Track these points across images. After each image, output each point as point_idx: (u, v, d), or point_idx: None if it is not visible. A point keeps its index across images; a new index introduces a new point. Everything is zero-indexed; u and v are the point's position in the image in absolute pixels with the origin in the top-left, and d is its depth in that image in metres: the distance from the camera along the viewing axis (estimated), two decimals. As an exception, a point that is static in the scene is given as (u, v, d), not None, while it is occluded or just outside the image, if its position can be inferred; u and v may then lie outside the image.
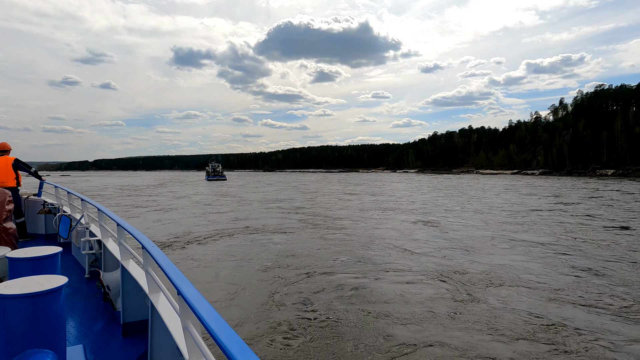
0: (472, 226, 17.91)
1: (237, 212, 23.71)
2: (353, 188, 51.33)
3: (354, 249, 12.97)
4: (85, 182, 76.01)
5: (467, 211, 23.73)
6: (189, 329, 1.76)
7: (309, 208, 26.15)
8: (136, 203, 30.49)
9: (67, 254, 5.86)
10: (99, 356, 3.02)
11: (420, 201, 30.88)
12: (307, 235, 15.72)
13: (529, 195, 35.40)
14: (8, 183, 7.04)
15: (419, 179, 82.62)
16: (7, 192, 4.72)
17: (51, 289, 1.91)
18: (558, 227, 17.13)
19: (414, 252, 12.60)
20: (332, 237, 15.18)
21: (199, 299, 1.55)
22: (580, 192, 39.26)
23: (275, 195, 38.07)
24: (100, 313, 3.90)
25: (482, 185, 55.75)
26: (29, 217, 7.38)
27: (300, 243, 13.98)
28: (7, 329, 1.85)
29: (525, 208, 25.21)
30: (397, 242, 14.10)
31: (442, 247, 13.18)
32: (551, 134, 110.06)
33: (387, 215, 21.83)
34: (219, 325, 1.30)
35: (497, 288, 8.81)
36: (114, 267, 4.11)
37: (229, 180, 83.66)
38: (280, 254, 12.29)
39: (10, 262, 2.57)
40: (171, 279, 1.81)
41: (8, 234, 4.46)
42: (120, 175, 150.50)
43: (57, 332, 1.98)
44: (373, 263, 11.14)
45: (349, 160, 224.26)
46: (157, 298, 2.60)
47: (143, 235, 2.67)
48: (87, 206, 5.23)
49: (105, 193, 43.09)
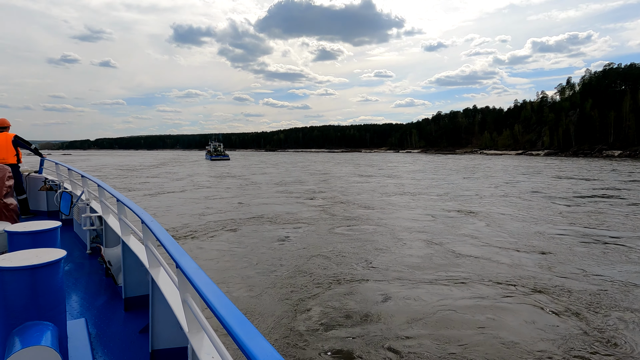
0: (522, 217, 15.29)
1: (246, 197, 22.08)
2: (365, 169, 50.42)
3: (391, 248, 10.80)
4: (83, 161, 75.52)
5: (500, 197, 21.65)
6: (188, 302, 1.78)
7: (323, 192, 24.48)
8: (133, 186, 29.20)
9: (69, 231, 5.89)
10: (101, 330, 3.05)
11: (444, 184, 29.21)
12: (327, 227, 13.85)
13: (559, 179, 32.67)
14: (8, 160, 6.90)
15: (428, 160, 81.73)
16: (7, 167, 4.65)
17: (50, 261, 1.89)
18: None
19: (471, 254, 10.12)
20: (357, 230, 13.21)
21: (197, 272, 1.55)
22: (611, 175, 36.96)
23: (283, 177, 36.63)
24: (102, 288, 3.92)
25: (497, 166, 54.95)
26: (30, 194, 7.36)
27: (321, 238, 12.23)
28: (7, 302, 1.84)
29: (568, 193, 22.78)
30: (443, 239, 11.75)
31: (505, 248, 10.82)
32: (557, 114, 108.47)
33: (416, 202, 19.97)
34: (217, 298, 1.31)
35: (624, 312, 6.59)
36: (115, 242, 4.09)
37: (232, 160, 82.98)
38: (299, 254, 10.38)
39: (9, 235, 2.57)
40: (170, 252, 1.83)
41: (9, 210, 4.38)
42: (121, 155, 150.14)
43: (57, 305, 1.98)
44: (421, 269, 8.92)
45: (352, 140, 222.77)
46: (157, 272, 2.62)
47: (142, 210, 2.69)
48: (87, 182, 5.27)
49: (99, 174, 42.62)
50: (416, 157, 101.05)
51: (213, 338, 1.44)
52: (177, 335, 2.47)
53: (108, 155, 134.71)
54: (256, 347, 0.99)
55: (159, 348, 2.55)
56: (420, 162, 69.78)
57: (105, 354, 2.73)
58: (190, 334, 1.86)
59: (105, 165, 59.68)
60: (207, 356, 1.70)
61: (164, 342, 2.55)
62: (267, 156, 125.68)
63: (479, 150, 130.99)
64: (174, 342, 2.53)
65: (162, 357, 2.55)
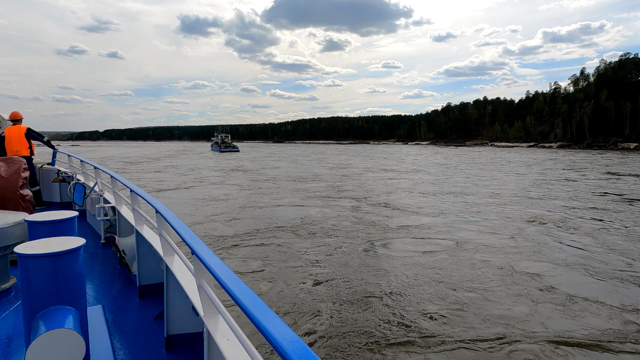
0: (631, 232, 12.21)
1: (261, 197, 19.39)
2: (383, 162, 48.98)
3: (476, 285, 7.97)
4: (89, 153, 75.17)
5: (568, 200, 18.35)
6: (204, 287, 1.83)
7: (348, 190, 21.99)
8: (141, 182, 27.69)
9: (82, 221, 5.97)
10: (117, 316, 3.13)
11: (484, 181, 26.49)
12: (366, 241, 11.12)
13: (612, 176, 29.29)
14: (22, 152, 7.04)
15: (444, 151, 80.00)
16: (22, 160, 4.70)
17: (71, 249, 1.96)
18: None
19: (597, 299, 7.31)
20: (412, 249, 10.41)
21: (213, 258, 1.61)
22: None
23: (299, 172, 34.25)
24: (116, 277, 3.99)
25: (524, 159, 53.30)
26: (43, 185, 7.49)
27: (364, 263, 9.38)
28: (30, 287, 1.90)
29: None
30: (550, 272, 8.70)
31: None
32: (571, 106, 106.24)
33: (471, 206, 16.55)
34: (233, 282, 1.35)
35: None
36: (129, 232, 4.14)
37: (242, 152, 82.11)
38: (339, 290, 7.74)
39: (29, 225, 2.63)
40: (185, 240, 1.88)
41: (25, 201, 4.45)
42: (129, 146, 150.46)
43: (78, 291, 2.04)
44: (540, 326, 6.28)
45: (360, 131, 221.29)
46: (171, 260, 2.69)
47: (156, 200, 2.75)
48: (100, 174, 5.33)
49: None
50: (430, 149, 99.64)
51: (229, 320, 1.49)
52: (191, 320, 2.58)
53: (115, 147, 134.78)
54: (274, 327, 1.03)
55: (174, 333, 2.63)
56: (441, 155, 67.93)
57: (122, 338, 2.82)
58: (206, 317, 1.91)
59: (109, 157, 59.11)
60: (222, 338, 1.76)
61: (178, 327, 2.63)
62: (276, 148, 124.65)
63: (489, 142, 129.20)
64: (188, 327, 2.62)
65: (177, 341, 2.64)
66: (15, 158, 4.64)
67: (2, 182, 4.22)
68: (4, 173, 4.29)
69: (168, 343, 2.63)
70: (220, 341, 1.73)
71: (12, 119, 7.39)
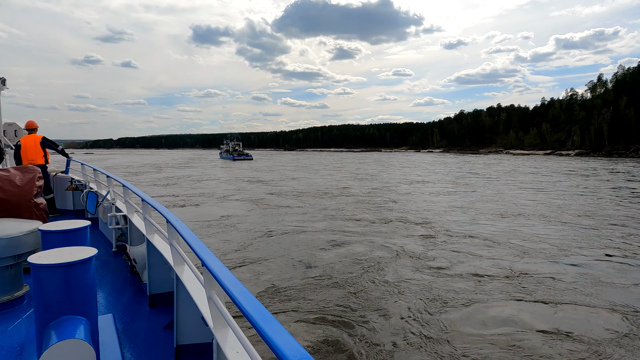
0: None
1: (285, 218, 16.41)
2: (412, 172, 45.71)
3: None
4: (99, 161, 74.56)
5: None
6: (214, 299, 1.82)
7: (389, 210, 18.49)
8: (154, 192, 27.21)
9: (94, 229, 6.01)
10: (128, 325, 3.12)
11: (550, 195, 23.05)
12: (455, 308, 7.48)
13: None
14: (37, 161, 7.20)
15: (468, 160, 77.32)
16: (37, 169, 4.76)
17: (83, 259, 1.96)
18: None
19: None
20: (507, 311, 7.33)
21: (223, 270, 1.60)
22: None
23: (322, 184, 30.72)
24: (127, 285, 4.00)
25: (571, 168, 51.01)
26: (57, 193, 7.59)
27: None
28: (43, 297, 1.92)
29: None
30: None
31: None
32: (589, 112, 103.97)
33: (534, 233, 13.57)
34: (243, 295, 1.35)
35: None
36: (140, 241, 4.17)
37: (255, 161, 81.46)
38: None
39: (42, 234, 2.65)
40: (196, 251, 1.88)
41: (39, 209, 4.49)
42: (141, 154, 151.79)
43: (89, 301, 2.04)
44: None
45: (371, 139, 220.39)
46: (182, 270, 2.66)
47: (167, 210, 2.73)
48: (112, 182, 5.40)
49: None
50: (449, 157, 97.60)
51: (238, 333, 1.48)
52: (201, 331, 2.54)
53: (127, 154, 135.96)
54: (282, 341, 1.03)
55: (183, 343, 2.59)
56: (468, 163, 65.40)
57: (132, 348, 2.78)
58: (216, 329, 1.89)
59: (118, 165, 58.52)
60: (232, 350, 1.75)
61: (188, 337, 2.59)
62: (289, 156, 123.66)
63: (504, 150, 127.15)
64: (198, 337, 2.58)
65: (186, 351, 2.60)
66: (30, 167, 4.71)
67: (17, 190, 4.30)
68: (19, 182, 4.38)
69: (177, 353, 2.60)
70: (230, 353, 1.72)
71: (28, 128, 7.59)
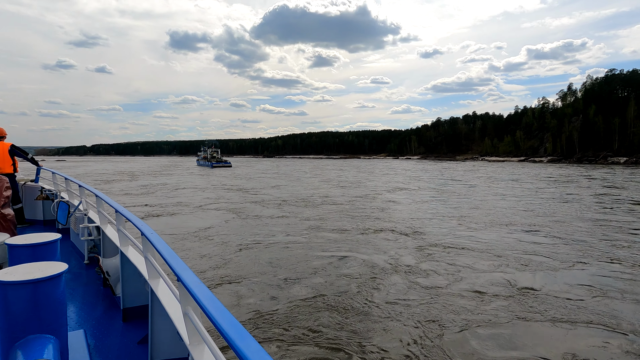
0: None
1: (269, 232, 14.89)
2: (393, 179, 44.96)
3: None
4: (71, 169, 71.72)
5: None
6: (189, 314, 1.80)
7: (376, 219, 17.67)
8: (127, 203, 26.39)
9: (65, 240, 5.82)
10: (100, 341, 3.03)
11: (536, 203, 22.83)
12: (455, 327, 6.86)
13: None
14: (5, 169, 6.99)
15: (445, 167, 78.03)
16: (5, 178, 4.62)
17: (52, 275, 1.89)
18: None
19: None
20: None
21: (199, 286, 1.58)
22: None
23: (304, 192, 29.91)
24: (100, 299, 3.89)
25: (534, 174, 52.16)
26: (26, 203, 7.36)
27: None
28: (9, 316, 1.84)
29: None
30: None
31: None
32: (560, 120, 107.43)
33: (563, 241, 12.95)
34: (219, 312, 1.34)
35: None
36: (113, 253, 4.10)
37: (235, 168, 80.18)
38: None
39: (9, 248, 2.56)
40: (171, 265, 1.83)
41: (7, 220, 4.35)
42: (115, 161, 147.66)
43: (59, 318, 1.98)
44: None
45: (350, 146, 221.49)
46: (157, 284, 2.61)
47: (141, 221, 2.66)
48: (85, 192, 5.22)
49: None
50: (428, 164, 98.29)
51: (214, 350, 1.47)
52: (176, 346, 2.47)
53: (101, 162, 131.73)
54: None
55: (158, 359, 2.54)
56: (447, 170, 65.83)
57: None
58: (191, 345, 1.87)
59: (89, 174, 56.77)
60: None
61: (163, 352, 2.53)
62: (269, 163, 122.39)
63: (480, 157, 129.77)
64: (173, 353, 2.52)
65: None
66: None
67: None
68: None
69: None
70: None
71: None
